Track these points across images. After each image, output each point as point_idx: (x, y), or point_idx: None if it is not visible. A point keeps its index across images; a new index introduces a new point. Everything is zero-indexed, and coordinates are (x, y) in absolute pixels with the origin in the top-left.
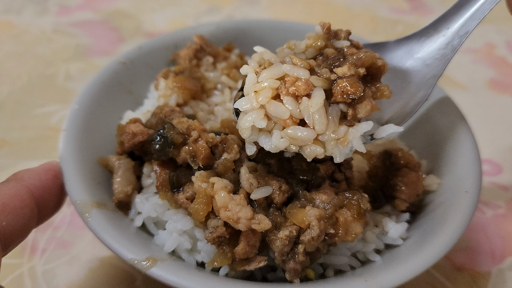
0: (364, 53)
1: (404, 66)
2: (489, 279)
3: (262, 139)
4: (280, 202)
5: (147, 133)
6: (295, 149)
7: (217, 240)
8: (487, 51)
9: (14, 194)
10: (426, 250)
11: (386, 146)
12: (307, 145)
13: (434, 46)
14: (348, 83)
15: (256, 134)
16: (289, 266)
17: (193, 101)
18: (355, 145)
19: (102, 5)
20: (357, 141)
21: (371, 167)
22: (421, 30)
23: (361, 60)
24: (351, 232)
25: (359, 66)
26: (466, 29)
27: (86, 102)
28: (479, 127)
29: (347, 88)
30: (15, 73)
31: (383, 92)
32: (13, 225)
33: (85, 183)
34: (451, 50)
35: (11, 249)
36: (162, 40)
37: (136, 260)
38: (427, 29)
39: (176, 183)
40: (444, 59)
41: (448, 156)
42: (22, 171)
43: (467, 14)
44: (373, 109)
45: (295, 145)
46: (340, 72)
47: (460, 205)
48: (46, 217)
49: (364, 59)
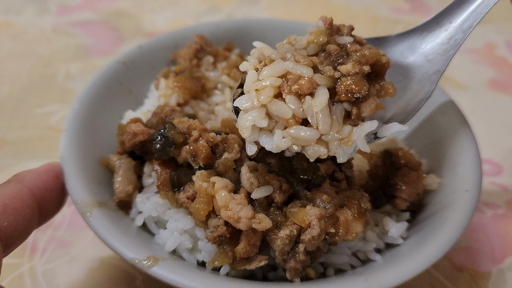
0: (368, 50)
1: (406, 61)
2: (489, 279)
3: (263, 139)
4: (281, 201)
5: (148, 133)
6: (297, 149)
7: (217, 239)
8: (487, 51)
9: (15, 195)
10: (426, 249)
11: (387, 146)
12: (309, 145)
13: (437, 41)
14: (352, 81)
15: (256, 134)
16: (289, 265)
17: (194, 101)
18: (359, 145)
19: (102, 5)
20: (361, 141)
21: (372, 166)
22: (423, 24)
23: (365, 57)
24: (351, 231)
25: (364, 64)
26: (469, 23)
27: (86, 102)
28: (479, 127)
29: (351, 86)
30: (15, 73)
31: (388, 90)
32: (14, 225)
33: (86, 183)
34: (454, 45)
35: (12, 250)
36: (162, 40)
37: (137, 259)
38: (429, 23)
39: (177, 182)
40: (447, 55)
41: (448, 155)
42: (23, 172)
43: (470, 8)
44: (377, 108)
45: (298, 145)
46: (344, 70)
47: (460, 204)
48: (47, 217)
49: (368, 56)
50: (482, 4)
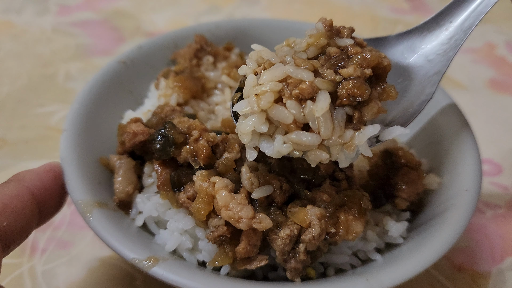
0: (369, 53)
1: (406, 62)
2: (489, 279)
3: (263, 144)
4: (281, 201)
5: (148, 133)
6: (298, 154)
7: (218, 239)
8: (487, 51)
9: (15, 195)
10: (427, 249)
11: (387, 145)
12: (311, 151)
13: (437, 41)
14: (354, 85)
15: (256, 139)
16: (290, 265)
17: (194, 101)
18: (361, 149)
19: (102, 5)
20: (363, 146)
21: (372, 166)
22: (423, 24)
23: (367, 60)
24: (352, 231)
25: (365, 67)
26: (470, 23)
27: (86, 102)
28: (479, 127)
29: (353, 90)
30: (15, 73)
31: (389, 93)
32: (14, 225)
33: (86, 183)
34: (454, 45)
35: (12, 250)
36: (162, 40)
37: (137, 259)
38: (429, 23)
39: (177, 182)
40: (447, 55)
41: (449, 155)
42: (23, 172)
43: (470, 8)
44: (379, 112)
45: (299, 150)
46: (346, 74)
47: (460, 204)
48: (47, 217)
49: (369, 59)
50: (483, 3)
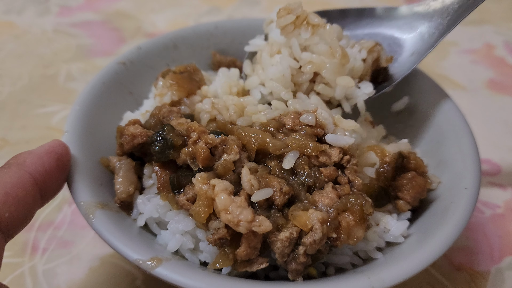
0: None
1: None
2: (487, 279)
3: None
4: (281, 203)
5: (146, 135)
6: None
7: (218, 241)
8: (486, 52)
9: (16, 183)
10: (427, 247)
11: (400, 147)
12: None
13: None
14: None
15: None
16: (291, 267)
17: (188, 99)
18: None
19: (103, 6)
20: None
21: (381, 164)
22: None
23: None
24: (353, 236)
25: None
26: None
27: (87, 103)
28: (478, 128)
29: None
30: (16, 73)
31: None
32: (16, 215)
33: (88, 184)
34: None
35: (13, 236)
36: (161, 40)
37: (141, 260)
38: None
39: (176, 184)
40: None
41: (448, 154)
42: (23, 154)
43: None
44: None
45: None
46: None
47: (459, 202)
48: (47, 200)
49: None
50: None
